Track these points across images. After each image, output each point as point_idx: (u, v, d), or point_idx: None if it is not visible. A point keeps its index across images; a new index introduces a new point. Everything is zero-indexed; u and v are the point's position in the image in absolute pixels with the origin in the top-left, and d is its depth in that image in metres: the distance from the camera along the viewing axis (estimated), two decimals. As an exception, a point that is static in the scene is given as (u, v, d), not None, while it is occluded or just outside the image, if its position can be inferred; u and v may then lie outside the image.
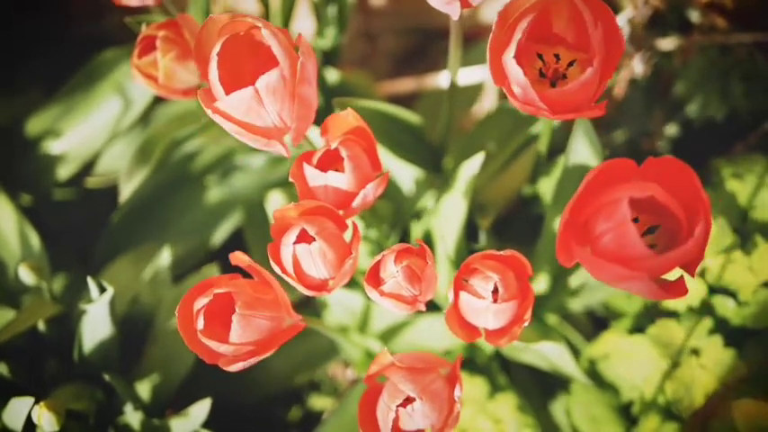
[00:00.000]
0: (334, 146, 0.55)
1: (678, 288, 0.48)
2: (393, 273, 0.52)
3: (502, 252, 0.53)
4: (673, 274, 0.48)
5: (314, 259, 0.52)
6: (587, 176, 0.47)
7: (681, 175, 0.47)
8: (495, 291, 0.52)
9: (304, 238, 0.52)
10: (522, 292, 0.53)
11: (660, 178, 0.47)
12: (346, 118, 0.56)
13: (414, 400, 0.52)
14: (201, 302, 0.51)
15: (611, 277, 0.47)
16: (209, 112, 0.51)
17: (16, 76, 1.01)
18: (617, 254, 0.46)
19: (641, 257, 0.45)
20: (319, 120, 0.57)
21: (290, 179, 0.55)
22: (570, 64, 0.53)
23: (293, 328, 0.54)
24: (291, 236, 0.52)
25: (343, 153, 0.54)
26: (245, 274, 0.55)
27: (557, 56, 0.53)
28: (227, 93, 0.51)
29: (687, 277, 0.49)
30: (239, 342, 0.52)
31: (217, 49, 0.51)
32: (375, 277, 0.53)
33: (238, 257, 0.54)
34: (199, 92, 0.52)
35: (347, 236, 0.54)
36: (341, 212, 0.54)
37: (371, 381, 0.55)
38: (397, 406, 0.52)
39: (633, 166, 0.48)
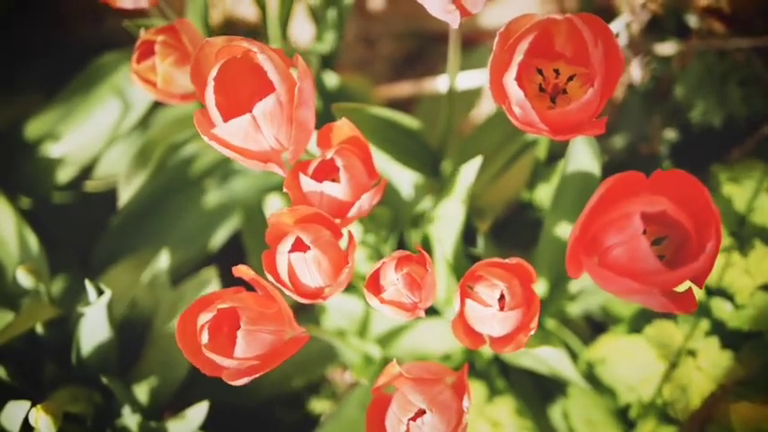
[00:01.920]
0: (329, 156, 0.55)
1: (687, 301, 0.48)
2: (393, 280, 0.52)
3: (507, 260, 0.53)
4: (681, 286, 0.48)
5: (309, 268, 0.52)
6: (598, 191, 0.47)
7: (690, 188, 0.47)
8: (501, 298, 0.52)
9: (299, 246, 0.52)
10: (528, 299, 0.53)
11: (669, 191, 0.47)
12: (342, 127, 0.56)
13: (423, 412, 0.52)
14: (206, 317, 0.51)
15: (620, 290, 0.46)
16: (205, 138, 0.51)
17: (16, 78, 1.01)
18: (628, 267, 0.46)
19: (653, 272, 0.45)
20: (318, 125, 0.57)
21: (285, 190, 0.54)
22: (570, 78, 0.53)
23: (296, 341, 0.54)
24: (287, 244, 0.52)
25: (339, 163, 0.54)
26: (246, 283, 0.55)
27: (556, 71, 0.53)
28: (225, 117, 0.51)
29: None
30: (244, 357, 0.52)
31: (213, 74, 0.50)
32: (375, 285, 0.53)
33: (242, 271, 0.53)
34: (195, 115, 0.52)
35: (343, 244, 0.54)
36: (337, 221, 0.54)
37: (379, 392, 0.55)
38: (409, 420, 0.52)
39: (642, 178, 0.48)
